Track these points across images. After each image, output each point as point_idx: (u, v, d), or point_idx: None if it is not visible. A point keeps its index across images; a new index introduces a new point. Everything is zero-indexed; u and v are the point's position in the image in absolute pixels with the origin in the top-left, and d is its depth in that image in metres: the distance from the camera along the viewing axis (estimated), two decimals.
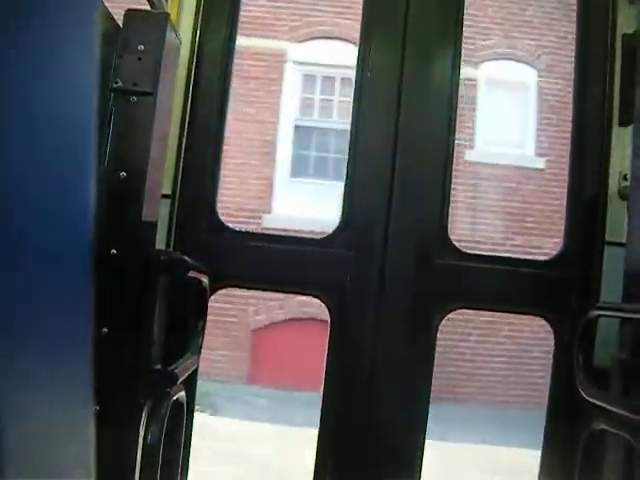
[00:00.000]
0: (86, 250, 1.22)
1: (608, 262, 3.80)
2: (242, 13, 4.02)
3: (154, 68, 2.98)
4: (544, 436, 3.88)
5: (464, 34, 3.90)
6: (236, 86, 13.71)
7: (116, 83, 2.95)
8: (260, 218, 15.36)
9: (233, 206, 14.41)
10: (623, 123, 3.85)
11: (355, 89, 3.95)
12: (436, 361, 3.85)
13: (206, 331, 3.45)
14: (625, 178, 3.77)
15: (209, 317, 3.52)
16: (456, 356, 14.88)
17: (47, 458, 1.18)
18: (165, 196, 3.67)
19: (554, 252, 4.04)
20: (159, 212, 3.37)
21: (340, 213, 3.93)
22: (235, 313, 14.80)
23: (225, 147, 3.94)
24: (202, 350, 3.50)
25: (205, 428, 4.05)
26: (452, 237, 3.90)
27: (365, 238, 3.87)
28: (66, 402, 1.23)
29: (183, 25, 3.78)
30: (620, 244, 3.65)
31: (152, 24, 3.02)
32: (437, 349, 3.82)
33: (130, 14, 3.02)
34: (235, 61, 3.96)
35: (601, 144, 3.89)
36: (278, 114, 16.02)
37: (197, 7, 3.85)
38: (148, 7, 3.29)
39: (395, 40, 3.91)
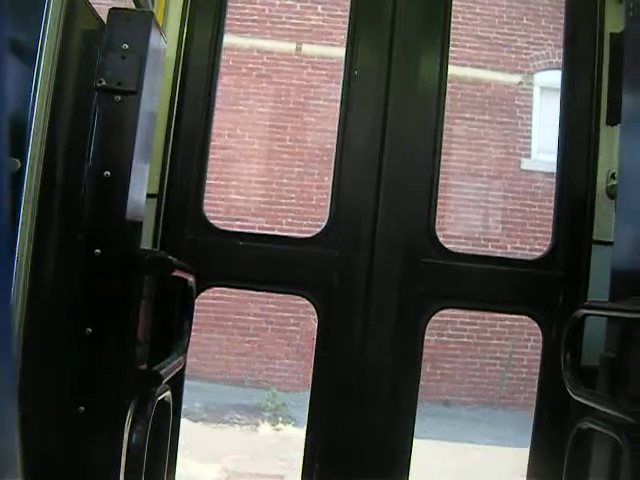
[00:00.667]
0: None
1: (596, 261, 3.81)
2: (300, 22, 4.03)
3: (138, 67, 2.95)
4: (532, 434, 3.89)
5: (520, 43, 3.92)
6: (294, 94, 13.78)
7: (100, 82, 2.93)
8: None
9: (294, 215, 14.45)
10: (611, 122, 3.86)
11: (342, 87, 3.94)
12: (495, 367, 3.85)
13: (268, 340, 3.44)
14: (613, 177, 3.78)
15: (271, 326, 3.52)
16: (514, 362, 14.88)
17: None
18: (151, 196, 3.65)
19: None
20: (145, 212, 3.35)
21: (327, 212, 3.92)
22: (296, 322, 14.75)
23: (284, 156, 3.95)
24: (265, 360, 3.49)
25: (298, 441, 4.08)
26: (508, 248, 3.90)
27: (352, 237, 3.86)
28: None
29: (170, 25, 3.77)
30: (608, 243, 3.66)
31: (136, 23, 3.00)
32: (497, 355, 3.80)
33: (114, 12, 2.99)
34: (292, 69, 3.98)
35: (589, 143, 3.90)
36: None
37: (184, 7, 3.85)
38: (133, 6, 3.28)
39: (382, 38, 3.91)
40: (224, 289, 12.88)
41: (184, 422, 11.73)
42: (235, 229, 4.99)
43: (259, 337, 15.02)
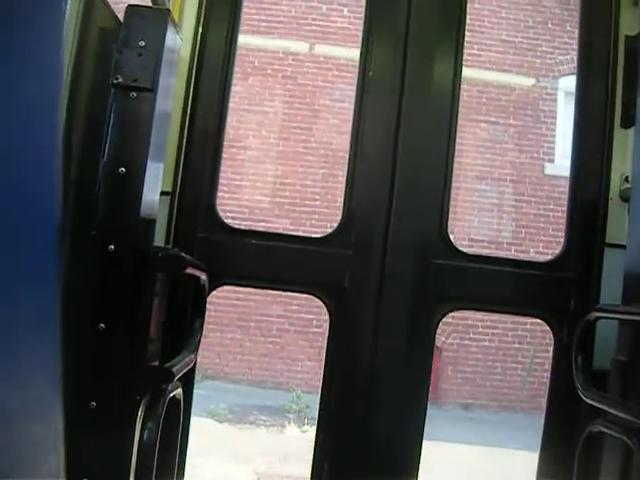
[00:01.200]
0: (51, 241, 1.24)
1: (608, 264, 3.79)
2: (326, 24, 4.06)
3: (154, 64, 2.98)
4: (542, 437, 3.87)
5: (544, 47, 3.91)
6: (319, 96, 13.76)
7: (116, 79, 2.96)
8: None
9: (318, 217, 14.50)
10: (625, 125, 3.85)
11: (357, 89, 3.95)
12: (517, 372, 3.85)
13: (292, 342, 3.46)
14: (627, 180, 3.76)
15: (294, 328, 3.53)
16: (535, 366, 14.84)
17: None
18: (165, 193, 3.68)
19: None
20: (158, 209, 3.38)
21: (340, 212, 3.93)
22: (319, 323, 14.80)
23: (309, 157, 3.98)
24: (287, 361, 3.51)
25: None
26: (531, 252, 3.89)
27: (365, 238, 3.86)
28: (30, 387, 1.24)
29: (185, 23, 3.80)
30: (621, 246, 3.64)
31: (153, 20, 3.03)
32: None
33: (131, 10, 3.03)
34: (317, 71, 4.00)
35: (603, 146, 3.89)
36: None
37: (199, 5, 3.87)
38: (149, 3, 3.30)
39: (397, 40, 3.91)
40: (247, 290, 13.00)
41: (210, 423, 11.76)
42: (248, 227, 4.98)
43: (281, 338, 15.05)
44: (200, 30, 3.88)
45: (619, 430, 3.04)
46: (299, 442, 11.48)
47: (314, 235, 4.11)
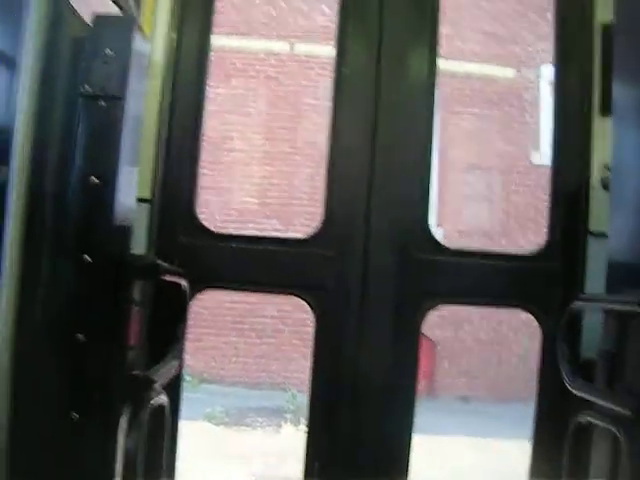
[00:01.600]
0: None
1: (592, 253, 3.78)
2: (306, 22, 4.04)
3: (122, 72, 2.94)
4: (533, 428, 3.88)
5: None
6: (303, 96, 13.72)
7: (84, 88, 2.93)
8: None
9: (308, 216, 14.46)
10: (604, 113, 3.83)
11: (333, 85, 3.94)
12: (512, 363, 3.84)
13: (286, 342, 3.44)
14: (608, 168, 3.74)
15: (288, 328, 3.52)
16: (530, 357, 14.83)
17: None
18: (144, 200, 3.66)
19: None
20: (138, 216, 3.35)
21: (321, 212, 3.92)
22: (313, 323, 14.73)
23: (296, 157, 3.97)
24: (282, 362, 3.49)
25: None
26: (521, 242, 3.88)
27: (346, 236, 3.86)
28: None
29: (158, 28, 3.77)
30: (604, 235, 3.62)
31: (120, 28, 2.99)
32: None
33: (97, 19, 2.99)
34: (301, 70, 3.99)
35: (583, 135, 3.87)
36: None
37: (172, 10, 3.85)
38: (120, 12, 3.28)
39: (372, 36, 3.91)
40: (240, 292, 13.00)
41: (207, 426, 11.78)
42: (230, 232, 4.97)
43: (276, 339, 15.05)
44: (174, 35, 3.86)
45: (606, 420, 3.02)
46: (296, 442, 11.47)
47: (295, 236, 4.10)
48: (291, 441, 11.55)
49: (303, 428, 12.06)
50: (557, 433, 3.61)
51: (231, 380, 15.09)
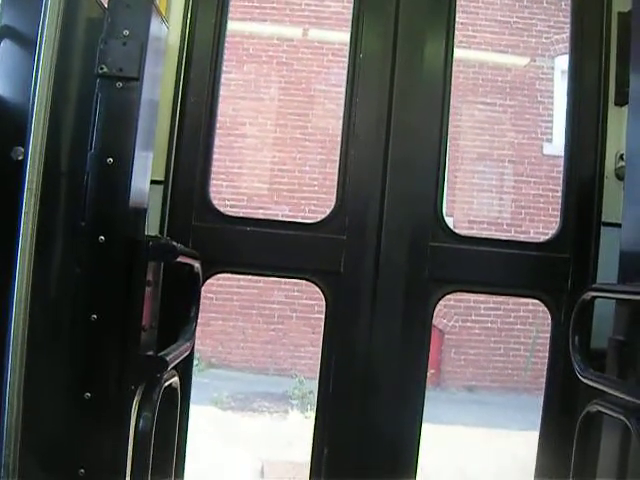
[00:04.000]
0: None
1: (604, 243, 3.78)
2: (319, 9, 4.02)
3: (139, 53, 2.96)
4: (542, 418, 3.88)
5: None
6: (315, 81, 13.63)
7: (101, 69, 2.94)
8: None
9: (317, 202, 14.47)
10: (619, 103, 3.82)
11: (348, 71, 3.93)
12: (520, 352, 3.83)
13: (294, 328, 3.45)
14: (622, 158, 3.74)
15: (296, 314, 3.52)
16: (538, 347, 14.83)
17: None
18: (158, 182, 3.68)
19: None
20: (152, 198, 3.37)
21: (334, 196, 3.91)
22: (321, 309, 14.73)
23: (306, 143, 3.96)
24: (290, 348, 3.49)
25: None
26: (531, 233, 3.86)
27: (359, 222, 3.86)
28: None
29: (173, 10, 3.79)
30: (616, 224, 3.62)
31: (136, 9, 3.00)
32: None
33: (115, 0, 3.00)
34: (313, 56, 3.97)
35: (597, 124, 3.87)
36: None
37: None
38: None
39: (387, 21, 3.89)
40: (248, 277, 13.00)
41: (214, 410, 11.80)
42: (243, 215, 4.97)
43: (284, 325, 15.06)
44: (189, 17, 3.87)
45: (617, 410, 3.02)
46: (303, 428, 11.51)
47: (308, 220, 4.10)
48: (298, 427, 11.60)
49: (310, 415, 12.15)
50: (566, 422, 3.62)
51: (238, 365, 15.11)
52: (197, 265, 3.45)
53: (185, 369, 3.70)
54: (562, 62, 15.05)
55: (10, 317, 2.60)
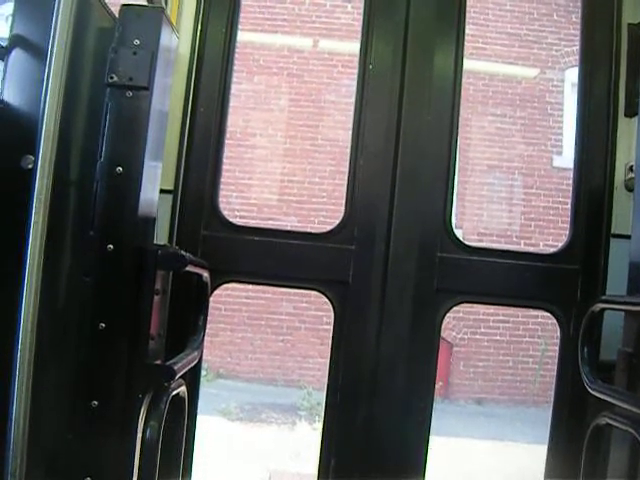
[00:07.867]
0: None
1: (614, 254, 3.77)
2: (330, 20, 4.02)
3: (149, 62, 2.97)
4: (550, 430, 3.86)
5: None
6: (325, 93, 13.67)
7: (111, 78, 2.95)
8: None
9: (326, 214, 14.47)
10: (629, 114, 3.82)
11: (357, 83, 3.93)
12: (528, 365, 3.82)
13: (302, 339, 3.44)
14: (631, 169, 3.72)
15: (305, 325, 3.51)
16: (547, 360, 14.80)
17: None
18: (167, 191, 3.68)
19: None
20: (161, 207, 3.37)
21: (343, 207, 3.91)
22: (330, 320, 14.69)
23: (316, 154, 3.97)
24: (298, 359, 3.49)
25: None
26: (540, 245, 3.86)
27: (368, 232, 3.86)
28: None
29: (184, 20, 3.80)
30: (626, 236, 3.60)
31: (147, 19, 3.01)
32: None
33: (125, 9, 3.02)
34: (323, 67, 3.98)
35: (607, 136, 3.86)
36: None
37: (198, 3, 3.86)
38: (145, 3, 3.30)
39: (397, 33, 3.90)
40: (256, 288, 13.00)
41: (222, 422, 11.79)
42: (252, 225, 4.96)
43: (292, 336, 15.05)
44: (199, 27, 3.88)
45: (626, 422, 3.00)
46: (310, 439, 11.49)
47: (317, 230, 4.10)
48: (306, 438, 11.58)
49: (318, 426, 12.14)
50: (575, 435, 3.61)
51: (246, 376, 15.10)
52: (206, 274, 3.45)
53: (193, 378, 3.70)
54: (572, 75, 15.03)
55: (19, 325, 2.61)
